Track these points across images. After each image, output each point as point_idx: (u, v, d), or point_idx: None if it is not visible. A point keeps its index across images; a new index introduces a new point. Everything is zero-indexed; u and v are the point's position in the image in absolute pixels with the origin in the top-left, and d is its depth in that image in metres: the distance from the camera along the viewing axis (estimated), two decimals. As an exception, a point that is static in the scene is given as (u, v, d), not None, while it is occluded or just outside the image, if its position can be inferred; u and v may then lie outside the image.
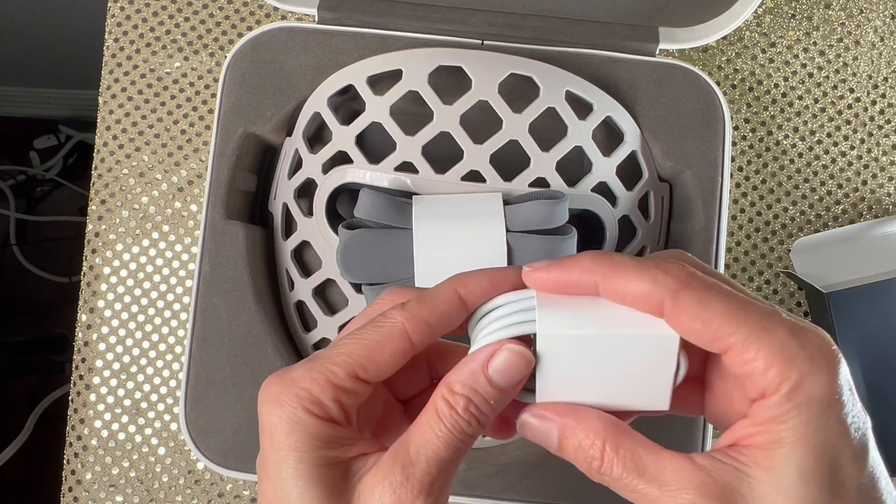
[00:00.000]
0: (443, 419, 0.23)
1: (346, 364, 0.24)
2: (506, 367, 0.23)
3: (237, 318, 0.40)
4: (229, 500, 0.48)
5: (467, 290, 0.25)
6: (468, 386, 0.23)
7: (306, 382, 0.23)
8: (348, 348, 0.24)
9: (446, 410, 0.23)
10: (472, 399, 0.23)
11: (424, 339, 0.24)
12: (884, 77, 0.52)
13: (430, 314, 0.24)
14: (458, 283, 0.25)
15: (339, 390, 0.23)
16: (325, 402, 0.23)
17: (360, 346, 0.24)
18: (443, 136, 0.38)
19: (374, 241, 0.36)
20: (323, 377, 0.23)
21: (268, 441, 0.24)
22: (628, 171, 0.41)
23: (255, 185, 0.44)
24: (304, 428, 0.23)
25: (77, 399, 0.48)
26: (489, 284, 0.25)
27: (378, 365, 0.24)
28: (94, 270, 0.49)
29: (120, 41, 0.50)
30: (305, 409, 0.23)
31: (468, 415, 0.23)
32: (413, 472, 0.22)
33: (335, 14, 0.42)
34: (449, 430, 0.23)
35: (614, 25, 0.42)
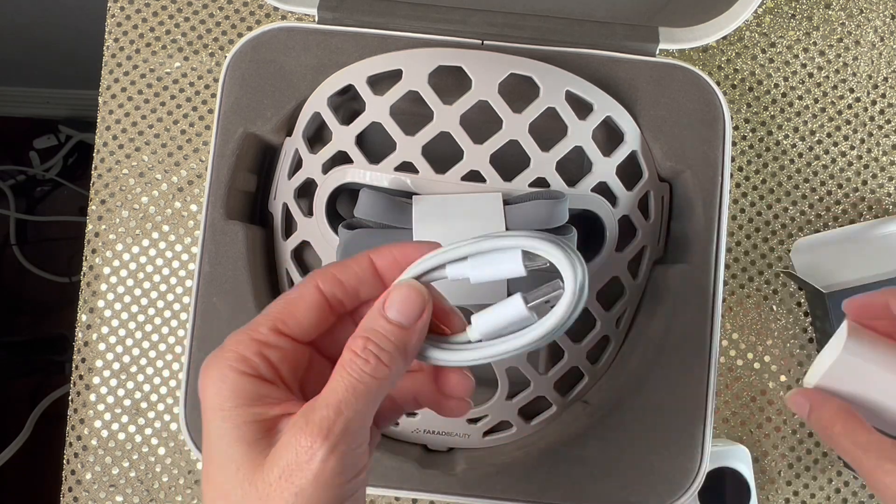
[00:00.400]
0: (344, 365, 0.24)
1: (268, 320, 0.25)
2: (400, 302, 0.25)
3: (237, 318, 0.40)
4: (229, 500, 0.48)
5: (379, 255, 0.26)
6: (366, 328, 0.25)
7: (232, 343, 0.25)
8: (270, 308, 0.26)
9: (347, 356, 0.24)
10: (371, 338, 0.24)
11: (336, 295, 0.26)
12: (884, 77, 0.52)
13: (341, 272, 0.26)
14: (374, 250, 0.27)
15: (263, 345, 0.25)
16: (249, 358, 0.24)
17: (280, 303, 0.26)
18: (443, 136, 0.38)
19: (374, 241, 0.36)
20: (246, 336, 0.25)
21: (202, 407, 0.25)
22: (628, 171, 0.41)
23: (255, 185, 0.44)
24: (229, 385, 0.24)
25: (77, 399, 0.48)
26: (399, 253, 0.26)
27: (297, 318, 0.25)
28: (94, 270, 0.49)
29: (120, 41, 0.50)
30: (231, 366, 0.24)
31: (367, 353, 0.24)
32: (312, 418, 0.23)
33: (335, 14, 0.42)
34: (349, 373, 0.24)
35: (614, 25, 0.42)
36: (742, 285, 0.50)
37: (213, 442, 0.24)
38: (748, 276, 0.50)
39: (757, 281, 0.50)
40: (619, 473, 0.39)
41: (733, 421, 0.50)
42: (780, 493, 0.49)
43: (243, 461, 0.23)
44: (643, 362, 0.40)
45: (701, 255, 0.41)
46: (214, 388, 0.24)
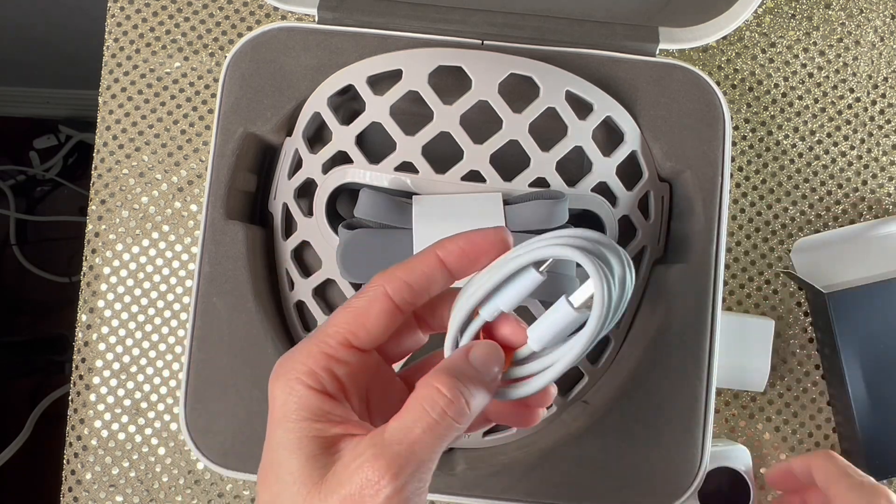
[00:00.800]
0: (423, 402, 0.23)
1: (337, 333, 0.25)
2: (483, 357, 0.25)
3: (237, 318, 0.40)
4: (229, 500, 0.48)
5: (445, 250, 0.26)
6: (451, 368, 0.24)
7: (303, 356, 0.25)
8: (338, 319, 0.25)
9: (427, 393, 0.24)
10: (459, 379, 0.24)
11: (406, 299, 0.25)
12: (884, 77, 0.52)
13: (408, 274, 0.25)
14: (437, 245, 0.26)
15: (332, 360, 0.25)
16: (318, 373, 0.24)
17: (347, 314, 0.25)
18: (443, 136, 0.38)
19: (374, 241, 0.36)
20: (317, 349, 0.25)
21: (270, 414, 0.25)
22: (628, 171, 0.41)
23: (255, 185, 0.44)
24: (296, 399, 0.24)
25: (77, 399, 0.48)
26: (466, 244, 0.26)
27: (367, 329, 0.25)
28: (94, 270, 0.49)
29: (120, 41, 0.50)
30: (300, 380, 0.24)
31: (452, 393, 0.24)
32: (383, 451, 0.23)
33: (335, 14, 0.42)
34: (427, 411, 0.23)
35: (614, 25, 0.42)
36: (742, 285, 0.50)
37: (275, 450, 0.24)
38: (748, 276, 0.50)
39: (757, 281, 0.50)
40: (619, 473, 0.39)
41: (733, 421, 0.50)
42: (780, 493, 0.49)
43: (301, 475, 0.23)
44: (643, 362, 0.40)
45: (701, 255, 0.41)
46: (282, 399, 0.24)
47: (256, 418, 0.40)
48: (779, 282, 0.50)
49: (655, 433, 0.40)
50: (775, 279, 0.50)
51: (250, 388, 0.40)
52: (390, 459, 0.22)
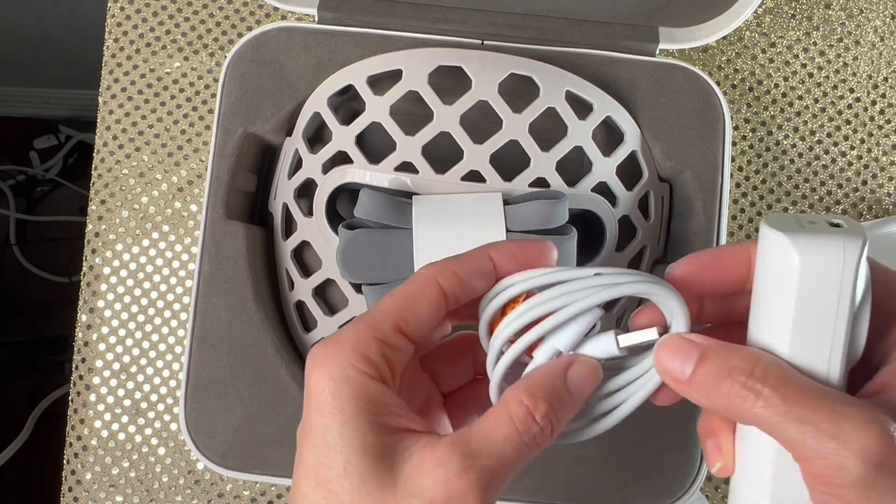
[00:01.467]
0: (515, 421, 0.22)
1: (389, 318, 0.24)
2: (582, 379, 0.24)
3: (237, 318, 0.40)
4: (229, 500, 0.48)
5: (499, 251, 0.25)
6: (548, 389, 0.23)
7: (353, 339, 0.23)
8: (387, 304, 0.24)
9: (522, 414, 0.22)
10: (553, 406, 0.23)
11: (456, 290, 0.24)
12: (884, 77, 0.52)
13: (459, 266, 0.25)
14: (490, 245, 0.26)
15: (386, 345, 0.23)
16: (373, 359, 0.23)
17: (398, 299, 0.24)
18: (443, 136, 0.38)
19: (374, 241, 0.36)
20: (369, 332, 0.23)
21: (313, 406, 0.23)
22: (628, 171, 0.41)
23: (255, 185, 0.44)
24: (352, 388, 0.22)
25: (77, 399, 0.48)
26: (519, 250, 0.25)
27: (418, 315, 0.24)
28: (94, 270, 0.49)
29: (120, 41, 0.50)
30: (354, 366, 0.23)
31: (545, 422, 0.23)
32: (472, 466, 0.21)
33: (335, 14, 0.42)
34: (520, 434, 0.22)
35: (614, 25, 0.42)
36: (742, 285, 0.50)
37: (331, 447, 0.22)
38: (748, 276, 0.50)
39: (757, 281, 0.50)
40: (619, 473, 0.39)
41: (733, 421, 0.50)
42: (780, 493, 0.49)
43: (370, 475, 0.22)
44: (643, 362, 0.40)
45: (701, 255, 0.41)
46: (335, 389, 0.22)
47: (256, 418, 0.40)
48: (779, 282, 0.50)
49: (655, 433, 0.40)
50: (775, 279, 0.50)
51: (250, 388, 0.40)
52: (481, 474, 0.21)
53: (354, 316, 0.39)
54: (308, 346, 0.42)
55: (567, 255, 0.36)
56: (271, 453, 0.39)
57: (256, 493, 0.48)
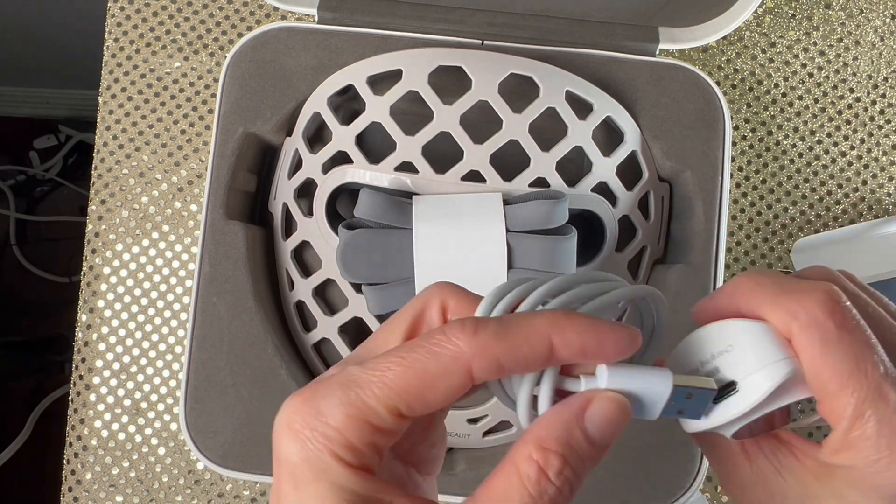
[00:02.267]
0: (528, 485, 0.18)
1: (389, 398, 0.19)
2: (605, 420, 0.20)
3: (237, 318, 0.40)
4: (229, 500, 0.48)
5: (564, 339, 0.19)
6: (562, 441, 0.19)
7: (337, 419, 0.19)
8: (393, 375, 0.19)
9: (533, 475, 0.18)
10: (569, 459, 0.19)
11: (491, 378, 0.19)
12: (884, 77, 0.52)
13: (508, 355, 0.19)
14: (555, 326, 0.19)
15: (377, 432, 0.19)
16: (359, 448, 0.19)
17: (409, 375, 0.19)
18: (443, 136, 0.38)
19: (374, 241, 0.36)
20: (359, 413, 0.19)
21: (288, 479, 0.19)
22: (628, 171, 0.41)
23: (255, 185, 0.44)
24: (331, 478, 0.18)
25: (77, 399, 0.48)
26: (593, 340, 0.19)
27: (428, 403, 0.19)
28: (94, 270, 0.49)
29: (120, 41, 0.50)
30: (334, 454, 0.19)
31: (562, 481, 0.19)
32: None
33: (335, 14, 0.42)
34: (533, 499, 0.18)
35: (614, 25, 0.42)
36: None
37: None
38: (748, 276, 0.50)
39: (757, 281, 0.50)
40: (619, 473, 0.39)
41: (733, 421, 0.50)
42: (780, 493, 0.49)
43: None
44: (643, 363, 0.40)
45: (701, 255, 0.41)
46: (311, 474, 0.19)
47: (256, 418, 0.40)
48: (779, 282, 0.50)
49: (655, 433, 0.40)
50: (775, 279, 0.50)
51: (250, 388, 0.40)
52: None
53: (355, 317, 0.40)
54: (308, 346, 0.42)
55: (567, 255, 0.36)
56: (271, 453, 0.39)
57: (256, 493, 0.48)
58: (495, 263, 0.36)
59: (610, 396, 0.20)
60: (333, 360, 0.42)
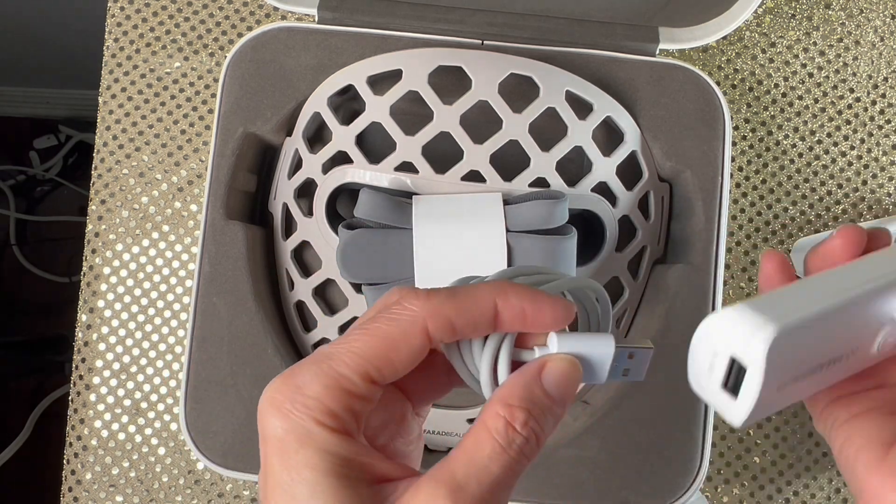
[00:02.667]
0: (497, 437, 0.20)
1: (359, 365, 0.21)
2: (560, 376, 0.22)
3: (237, 318, 0.40)
4: (229, 500, 0.48)
5: (507, 302, 0.22)
6: (524, 398, 0.21)
7: (315, 389, 0.20)
8: (360, 345, 0.21)
9: (501, 427, 0.20)
10: (532, 412, 0.21)
11: (446, 339, 0.22)
12: (884, 77, 0.52)
13: (458, 315, 0.21)
14: (500, 291, 0.22)
15: (353, 397, 0.21)
16: (338, 413, 0.20)
17: (374, 341, 0.21)
18: (443, 136, 0.38)
19: (374, 241, 0.36)
20: (334, 382, 0.20)
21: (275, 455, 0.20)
22: (628, 171, 0.41)
23: (255, 185, 0.44)
24: (317, 443, 0.20)
25: (77, 399, 0.48)
26: (532, 306, 0.22)
27: (394, 365, 0.21)
28: (94, 270, 0.49)
29: (120, 41, 0.50)
30: (316, 420, 0.20)
31: (527, 431, 0.21)
32: (463, 497, 0.19)
33: (335, 14, 0.42)
34: (504, 448, 0.20)
35: (614, 25, 0.42)
36: (742, 286, 0.50)
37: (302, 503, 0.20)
38: (748, 277, 0.50)
39: (757, 281, 0.50)
40: (619, 473, 0.39)
41: (733, 421, 0.50)
42: (780, 492, 0.49)
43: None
44: (643, 362, 0.40)
45: (701, 255, 0.41)
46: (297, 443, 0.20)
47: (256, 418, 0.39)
48: (779, 282, 0.50)
49: (655, 433, 0.40)
50: (775, 279, 0.50)
51: (250, 388, 0.40)
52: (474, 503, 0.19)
53: (355, 317, 0.40)
54: (308, 346, 0.42)
55: (567, 255, 0.36)
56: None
57: (256, 492, 0.48)
58: (495, 263, 0.36)
59: (562, 357, 0.22)
60: (333, 360, 0.42)
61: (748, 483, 0.49)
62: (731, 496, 0.49)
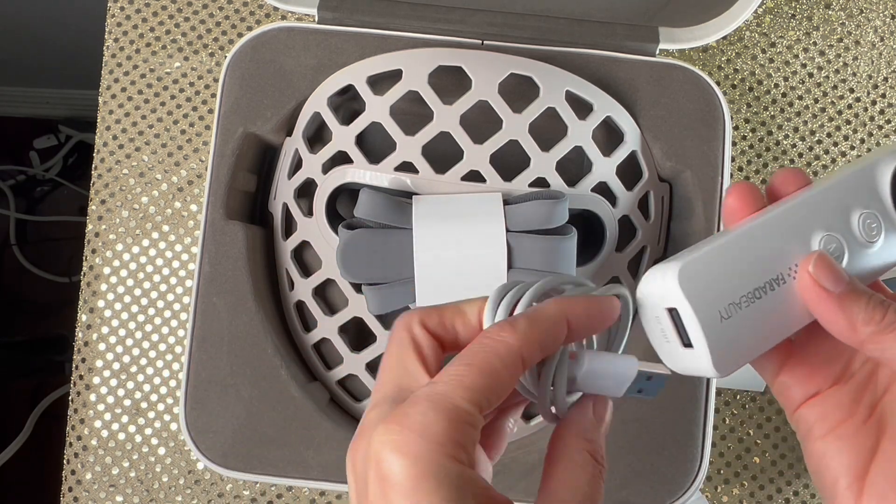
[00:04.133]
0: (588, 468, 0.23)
1: (472, 398, 0.21)
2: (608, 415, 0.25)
3: (237, 318, 0.40)
4: (229, 500, 0.48)
5: (575, 315, 0.24)
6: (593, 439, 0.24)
7: (443, 426, 0.20)
8: (469, 379, 0.21)
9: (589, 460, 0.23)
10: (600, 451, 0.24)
11: (535, 362, 0.23)
12: (884, 77, 0.52)
13: (543, 337, 0.23)
14: (567, 306, 0.24)
15: (473, 429, 0.21)
16: (467, 447, 0.21)
17: (482, 374, 0.21)
18: (443, 136, 0.38)
19: (374, 241, 0.36)
20: (457, 417, 0.21)
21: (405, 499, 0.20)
22: (628, 171, 0.41)
23: (255, 185, 0.44)
24: (454, 481, 0.20)
25: (77, 399, 0.48)
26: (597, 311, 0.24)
27: (499, 394, 0.22)
28: (94, 270, 0.49)
29: (120, 41, 0.50)
30: (450, 455, 0.20)
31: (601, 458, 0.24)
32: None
33: (335, 14, 0.42)
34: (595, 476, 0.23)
35: (614, 25, 0.42)
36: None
37: None
38: (748, 276, 0.50)
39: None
40: (619, 473, 0.39)
41: (733, 421, 0.50)
42: (780, 493, 0.49)
43: None
44: (643, 362, 0.40)
45: (701, 255, 0.41)
46: (431, 483, 0.20)
47: (256, 418, 0.40)
48: (779, 282, 0.50)
49: (655, 433, 0.40)
50: (775, 279, 0.50)
51: (250, 388, 0.40)
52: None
53: (355, 317, 0.40)
54: (308, 346, 0.42)
55: (567, 255, 0.36)
56: (271, 453, 0.39)
57: (256, 492, 0.48)
58: (495, 263, 0.36)
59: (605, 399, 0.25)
60: (333, 359, 0.42)
61: (748, 483, 0.49)
62: (731, 496, 0.49)
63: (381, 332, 0.40)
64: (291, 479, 0.39)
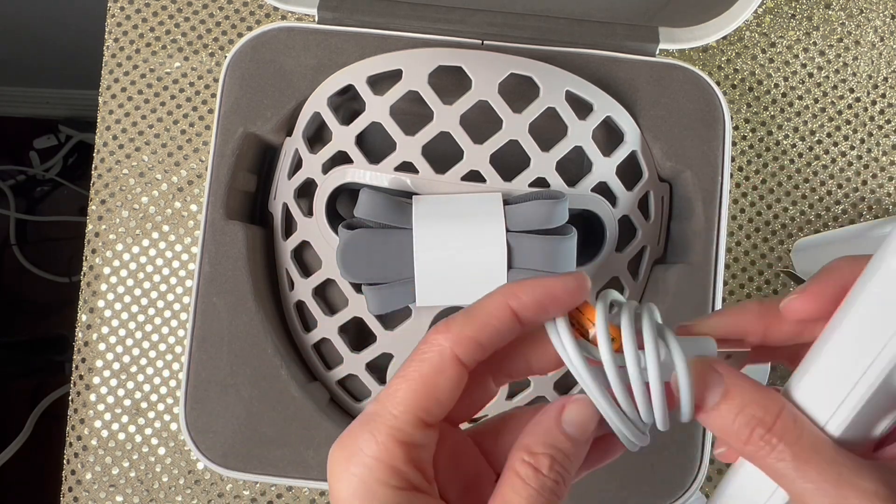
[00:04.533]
0: (528, 482, 0.21)
1: (407, 413, 0.21)
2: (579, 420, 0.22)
3: (237, 318, 0.40)
4: (229, 500, 0.48)
5: (519, 301, 0.22)
6: (546, 443, 0.22)
7: (373, 449, 0.21)
8: (402, 394, 0.21)
9: (530, 473, 0.22)
10: (555, 457, 0.22)
11: (476, 359, 0.22)
12: (884, 77, 0.52)
13: (479, 332, 0.22)
14: (509, 294, 0.22)
15: (411, 448, 0.21)
16: (401, 469, 0.21)
17: (413, 386, 0.21)
18: (443, 136, 0.38)
19: (374, 241, 0.36)
20: (389, 438, 0.21)
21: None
22: (628, 171, 0.41)
23: (255, 185, 0.44)
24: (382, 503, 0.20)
25: (77, 399, 0.48)
26: (543, 294, 0.22)
27: (440, 401, 0.21)
28: (94, 270, 0.49)
29: (120, 41, 0.50)
30: (380, 480, 0.21)
31: (554, 473, 0.22)
32: None
33: (335, 14, 0.42)
34: (537, 491, 0.21)
35: (614, 25, 0.42)
36: (742, 285, 0.50)
37: None
38: (748, 276, 0.50)
39: (757, 281, 0.50)
40: (619, 473, 0.39)
41: (733, 421, 0.50)
42: (780, 493, 0.49)
43: None
44: (643, 362, 0.40)
45: (701, 255, 0.41)
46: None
47: (256, 418, 0.40)
48: (779, 282, 0.50)
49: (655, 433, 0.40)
50: (775, 279, 0.50)
51: (250, 388, 0.40)
52: None
53: (355, 317, 0.40)
54: (308, 346, 0.42)
55: (567, 255, 0.36)
56: (271, 453, 0.39)
57: (256, 492, 0.48)
58: (495, 263, 0.36)
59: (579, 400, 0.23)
60: (333, 359, 0.42)
61: (748, 483, 0.49)
62: (731, 496, 0.49)
63: (381, 332, 0.40)
64: (291, 479, 0.39)
